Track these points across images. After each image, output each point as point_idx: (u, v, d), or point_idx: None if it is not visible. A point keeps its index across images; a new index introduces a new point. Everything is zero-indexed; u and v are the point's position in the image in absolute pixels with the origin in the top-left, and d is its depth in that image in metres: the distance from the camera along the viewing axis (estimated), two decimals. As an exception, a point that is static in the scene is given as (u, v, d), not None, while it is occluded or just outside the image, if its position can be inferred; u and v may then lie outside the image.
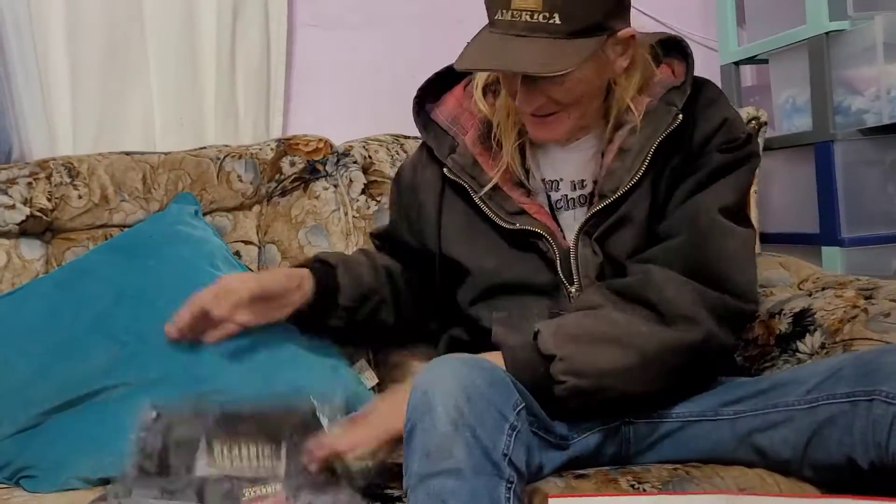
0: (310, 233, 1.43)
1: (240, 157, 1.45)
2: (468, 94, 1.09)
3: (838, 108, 1.52)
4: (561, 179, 1.05)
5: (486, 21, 0.99)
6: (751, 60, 1.80)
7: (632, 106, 1.00)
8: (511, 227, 1.02)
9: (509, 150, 1.03)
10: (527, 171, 1.05)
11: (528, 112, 0.98)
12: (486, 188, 1.03)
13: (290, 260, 1.41)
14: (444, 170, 1.07)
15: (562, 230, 1.04)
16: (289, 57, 1.70)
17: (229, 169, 1.44)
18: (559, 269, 1.01)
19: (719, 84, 1.62)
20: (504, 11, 0.92)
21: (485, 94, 1.07)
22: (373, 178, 1.47)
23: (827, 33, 1.50)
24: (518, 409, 0.82)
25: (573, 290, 1.01)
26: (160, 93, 1.60)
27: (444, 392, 0.78)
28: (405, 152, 1.50)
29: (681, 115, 0.99)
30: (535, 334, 0.93)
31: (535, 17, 0.90)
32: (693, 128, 1.00)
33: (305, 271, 1.09)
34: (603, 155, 1.02)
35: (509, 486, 0.78)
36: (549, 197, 1.06)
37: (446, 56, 1.07)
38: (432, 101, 1.11)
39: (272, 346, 1.20)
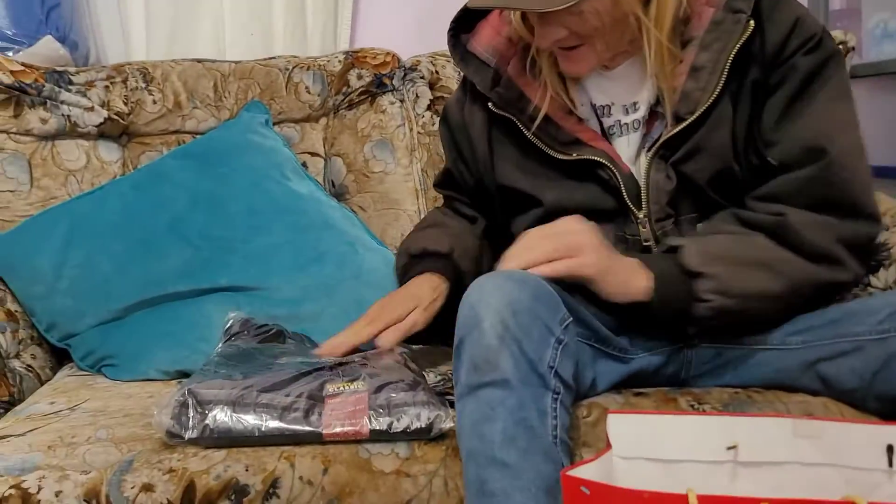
0: (375, 147, 1.44)
1: (308, 69, 1.46)
2: (505, 19, 1.03)
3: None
4: (612, 104, 1.00)
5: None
6: (840, -18, 1.71)
7: (693, 20, 0.94)
8: (568, 157, 0.99)
9: (553, 78, 0.99)
10: (571, 101, 1.01)
11: (546, 47, 0.94)
12: (537, 121, 0.99)
13: (356, 174, 1.42)
14: (490, 104, 1.03)
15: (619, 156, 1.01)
16: (358, -32, 1.67)
17: (297, 80, 1.45)
18: (625, 195, 0.98)
19: (806, 4, 1.54)
20: None
21: (524, 17, 1.01)
22: (439, 94, 1.46)
23: (926, -45, 1.41)
24: (565, 323, 0.83)
25: (641, 215, 0.99)
26: (231, 2, 1.60)
27: (491, 306, 0.80)
28: (472, 69, 1.48)
29: (752, 22, 0.93)
30: (677, 249, 0.92)
31: None
32: (764, 33, 0.94)
33: (437, 279, 1.05)
34: (657, 77, 0.96)
35: (555, 396, 0.80)
36: (601, 123, 1.02)
37: None
38: (466, 32, 1.05)
39: (338, 259, 1.23)
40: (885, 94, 1.50)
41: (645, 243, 0.99)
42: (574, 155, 0.98)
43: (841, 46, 1.41)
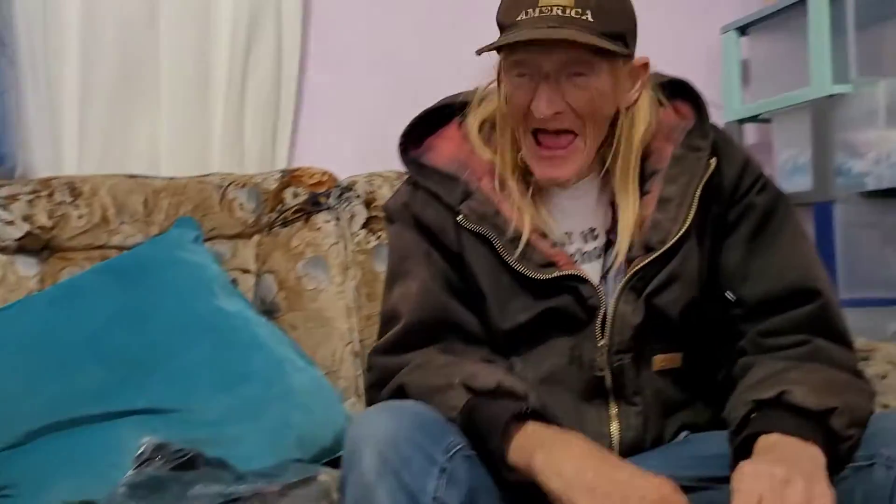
0: (308, 264, 1.43)
1: (243, 186, 1.46)
2: (464, 134, 1.01)
3: (839, 169, 1.53)
4: (572, 232, 0.99)
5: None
6: (754, 119, 1.83)
7: (653, 154, 0.97)
8: (546, 277, 0.94)
9: (523, 201, 0.96)
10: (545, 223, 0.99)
11: (545, 114, 0.91)
12: (522, 243, 0.94)
13: (287, 291, 1.40)
14: (460, 218, 0.97)
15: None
16: (299, 92, 1.72)
17: (232, 197, 1.44)
18: (599, 317, 0.96)
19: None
20: (531, 10, 0.89)
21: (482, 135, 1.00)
22: (374, 214, 1.47)
23: (830, 96, 1.53)
24: (452, 451, 0.80)
25: (601, 343, 0.96)
26: (169, 119, 1.61)
27: (370, 440, 0.78)
28: (408, 190, 1.51)
29: (713, 160, 0.97)
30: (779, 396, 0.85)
31: (567, 11, 0.88)
32: (721, 171, 0.98)
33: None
34: (613, 204, 0.98)
35: None
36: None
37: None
38: (415, 147, 1.03)
39: (265, 379, 1.19)
40: (799, 223, 1.58)
41: (598, 373, 0.96)
42: (553, 274, 0.95)
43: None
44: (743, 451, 0.85)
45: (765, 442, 0.84)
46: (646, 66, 0.96)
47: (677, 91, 1.02)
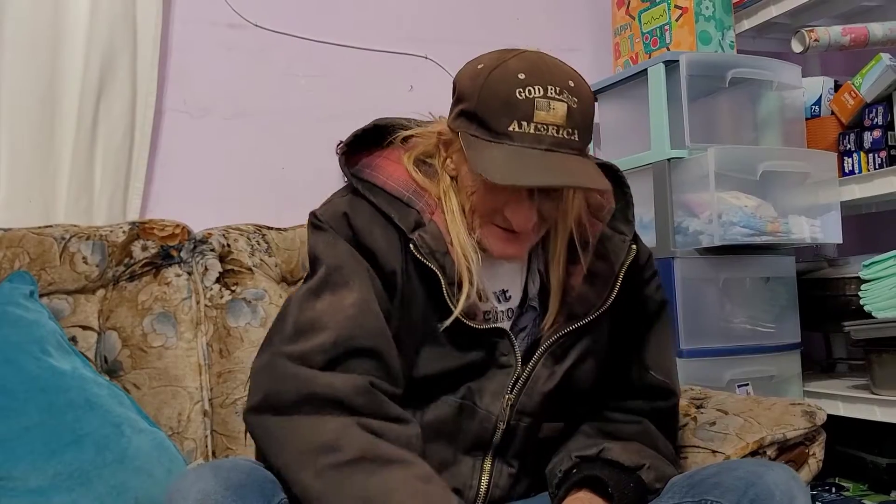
0: (156, 320, 1.37)
1: (88, 238, 1.39)
2: (400, 159, 0.99)
3: (678, 228, 1.64)
4: (486, 290, 1.00)
5: (357, 118, 1.01)
6: (604, 179, 1.93)
7: (584, 227, 1.01)
8: (482, 327, 0.95)
9: (472, 253, 0.94)
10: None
11: (524, 229, 0.93)
12: (466, 289, 0.92)
13: (132, 349, 1.34)
14: (411, 245, 0.93)
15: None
16: (154, 140, 1.67)
17: (74, 250, 1.37)
18: (514, 371, 0.98)
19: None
20: (525, 123, 0.88)
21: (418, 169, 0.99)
22: (229, 267, 1.44)
23: (668, 160, 1.64)
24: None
25: (506, 397, 0.98)
26: (9, 164, 1.52)
27: (186, 500, 0.78)
28: (266, 243, 1.49)
29: (634, 247, 1.02)
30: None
31: (561, 132, 0.88)
32: (636, 259, 1.04)
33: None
34: (541, 273, 1.02)
35: None
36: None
37: (317, 151, 1.06)
38: (351, 162, 0.99)
39: (98, 443, 1.13)
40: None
41: (490, 426, 0.98)
42: (488, 325, 0.96)
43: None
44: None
45: (573, 497, 0.93)
46: None
47: (605, 175, 1.06)
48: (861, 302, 1.60)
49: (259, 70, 1.78)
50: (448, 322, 0.93)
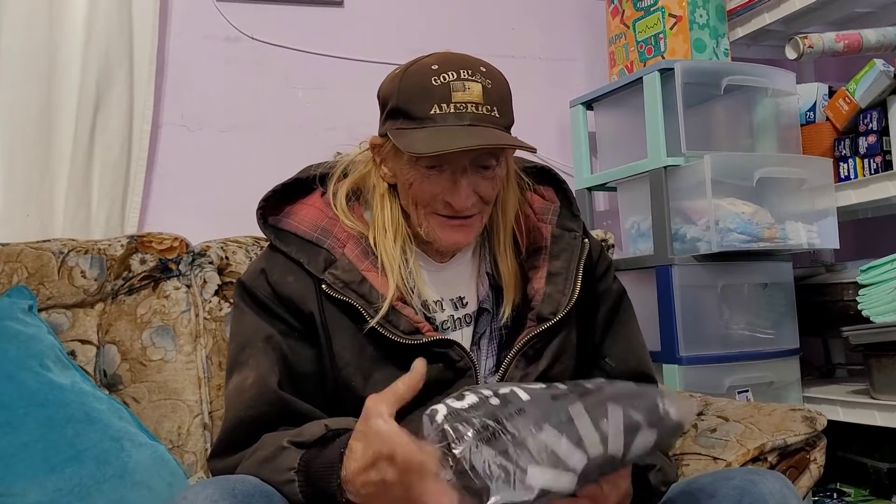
0: (155, 333, 1.37)
1: (86, 252, 1.39)
2: (327, 201, 1.03)
3: (676, 235, 1.64)
4: (443, 299, 1.02)
5: (354, 130, 1.03)
6: (602, 187, 1.94)
7: (535, 231, 1.05)
8: (414, 342, 0.95)
9: (396, 267, 0.97)
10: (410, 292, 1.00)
11: (463, 207, 0.96)
12: (384, 309, 0.95)
13: (131, 362, 1.34)
14: (324, 286, 0.97)
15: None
16: (151, 153, 1.68)
17: (73, 264, 1.37)
18: (476, 374, 0.99)
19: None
20: (445, 105, 0.92)
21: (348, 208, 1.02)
22: (228, 280, 1.44)
23: (665, 167, 1.64)
24: None
25: None
26: (7, 179, 1.52)
27: None
28: (264, 255, 1.49)
29: (587, 241, 1.07)
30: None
31: (480, 108, 0.93)
32: (590, 252, 1.08)
33: None
34: (489, 275, 1.04)
35: None
36: (430, 319, 1.00)
37: (313, 162, 1.08)
38: (275, 214, 1.04)
39: (98, 458, 1.12)
40: (641, 285, 1.67)
41: None
42: (423, 340, 0.96)
43: (603, 243, 1.58)
44: None
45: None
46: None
47: (541, 177, 1.11)
48: (859, 307, 1.60)
49: (256, 83, 1.78)
50: (373, 351, 0.97)
